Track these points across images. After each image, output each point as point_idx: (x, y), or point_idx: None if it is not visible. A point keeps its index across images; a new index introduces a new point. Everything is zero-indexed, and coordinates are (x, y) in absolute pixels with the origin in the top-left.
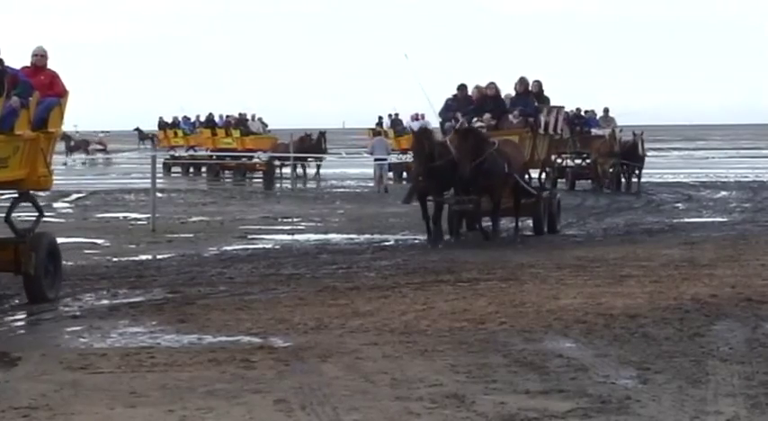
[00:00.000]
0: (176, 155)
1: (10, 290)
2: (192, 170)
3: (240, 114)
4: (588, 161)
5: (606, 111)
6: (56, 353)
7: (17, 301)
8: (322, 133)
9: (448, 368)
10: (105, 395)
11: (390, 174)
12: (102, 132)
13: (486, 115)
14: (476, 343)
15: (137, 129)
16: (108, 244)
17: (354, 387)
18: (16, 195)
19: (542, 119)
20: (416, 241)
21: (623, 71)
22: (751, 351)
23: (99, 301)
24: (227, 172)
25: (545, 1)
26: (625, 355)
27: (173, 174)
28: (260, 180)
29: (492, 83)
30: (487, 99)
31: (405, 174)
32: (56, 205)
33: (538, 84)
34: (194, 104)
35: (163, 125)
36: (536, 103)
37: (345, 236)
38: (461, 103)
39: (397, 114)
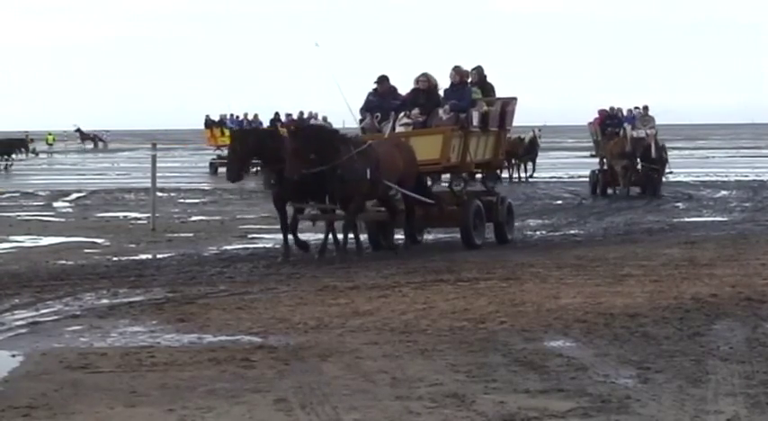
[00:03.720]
0: (224, 155)
1: (10, 289)
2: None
3: (301, 113)
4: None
5: (645, 109)
6: (56, 352)
7: (17, 301)
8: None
9: (448, 367)
10: (105, 394)
11: None
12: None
13: (415, 111)
14: (476, 342)
15: (78, 130)
16: (108, 243)
17: (354, 386)
18: None
19: (474, 113)
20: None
21: (623, 71)
22: (751, 350)
23: (99, 301)
24: None
25: (545, 1)
26: (625, 355)
27: (219, 175)
28: None
29: (424, 74)
30: (420, 92)
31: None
32: (56, 204)
33: (478, 71)
34: (238, 103)
35: (209, 123)
36: (478, 95)
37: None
38: (384, 98)
39: None
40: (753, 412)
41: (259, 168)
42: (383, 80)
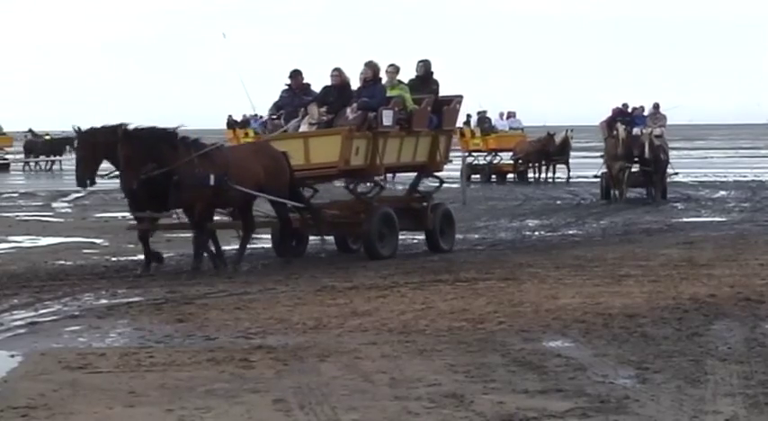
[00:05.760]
0: None
1: (9, 290)
2: None
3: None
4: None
5: (656, 107)
6: (55, 352)
7: (16, 301)
8: None
9: (446, 367)
10: (104, 394)
11: None
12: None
13: (316, 109)
14: (474, 342)
15: (29, 131)
16: (107, 243)
17: (353, 386)
18: None
19: (386, 113)
20: (415, 240)
21: (623, 71)
22: (750, 350)
23: (98, 301)
24: None
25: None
26: (624, 355)
27: None
28: None
29: (336, 68)
30: (330, 89)
31: (494, 176)
32: (54, 205)
33: (424, 65)
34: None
35: (232, 124)
36: (405, 92)
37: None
38: (296, 94)
39: (484, 112)
40: (751, 412)
41: None
42: (296, 75)
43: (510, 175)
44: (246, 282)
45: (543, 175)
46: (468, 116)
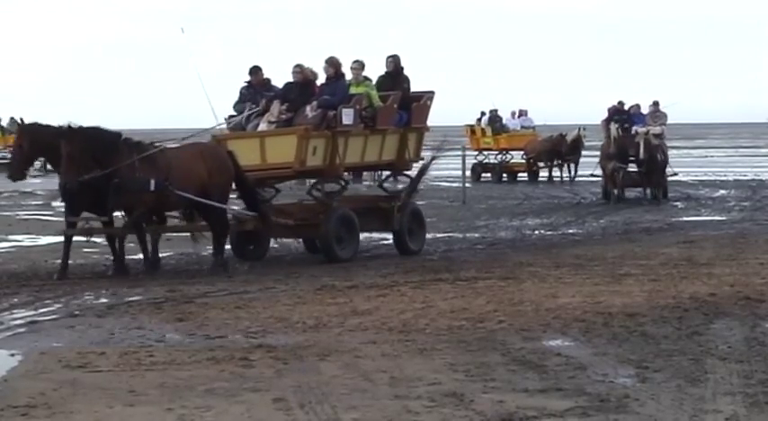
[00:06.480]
0: None
1: (9, 289)
2: None
3: None
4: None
5: (656, 104)
6: (55, 351)
7: (16, 300)
8: None
9: (447, 366)
10: (104, 393)
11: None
12: None
13: (277, 106)
14: (474, 341)
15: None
16: (107, 242)
17: (353, 385)
18: None
19: (346, 111)
20: None
21: (622, 70)
22: (749, 349)
23: (98, 300)
24: None
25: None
26: (624, 354)
27: None
28: None
29: (298, 64)
30: (292, 86)
31: (505, 175)
32: (54, 204)
33: (394, 60)
34: None
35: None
36: (371, 89)
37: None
38: (257, 91)
39: (496, 110)
40: (751, 411)
41: None
42: (256, 71)
43: (521, 175)
44: (246, 281)
45: (557, 175)
46: (482, 113)
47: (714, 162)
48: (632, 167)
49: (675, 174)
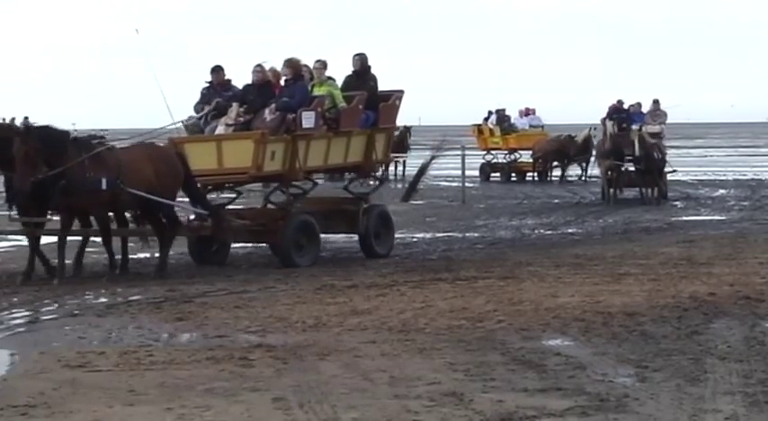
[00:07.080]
0: None
1: (8, 288)
2: None
3: None
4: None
5: (656, 102)
6: (54, 351)
7: (16, 300)
8: (407, 128)
9: (446, 366)
10: (104, 393)
11: None
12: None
13: (236, 110)
14: (474, 341)
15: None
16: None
17: (353, 385)
18: None
19: (306, 114)
20: (414, 239)
21: (622, 70)
22: (749, 349)
23: (97, 299)
24: None
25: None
26: (623, 353)
27: None
28: None
29: (259, 64)
30: (251, 87)
31: (513, 175)
32: None
33: (360, 58)
34: None
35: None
36: (335, 89)
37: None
38: (217, 91)
39: (503, 110)
40: (751, 411)
41: None
42: (217, 70)
43: (530, 174)
44: (246, 281)
45: (568, 174)
46: (490, 112)
47: (714, 161)
48: (629, 167)
49: (674, 171)
